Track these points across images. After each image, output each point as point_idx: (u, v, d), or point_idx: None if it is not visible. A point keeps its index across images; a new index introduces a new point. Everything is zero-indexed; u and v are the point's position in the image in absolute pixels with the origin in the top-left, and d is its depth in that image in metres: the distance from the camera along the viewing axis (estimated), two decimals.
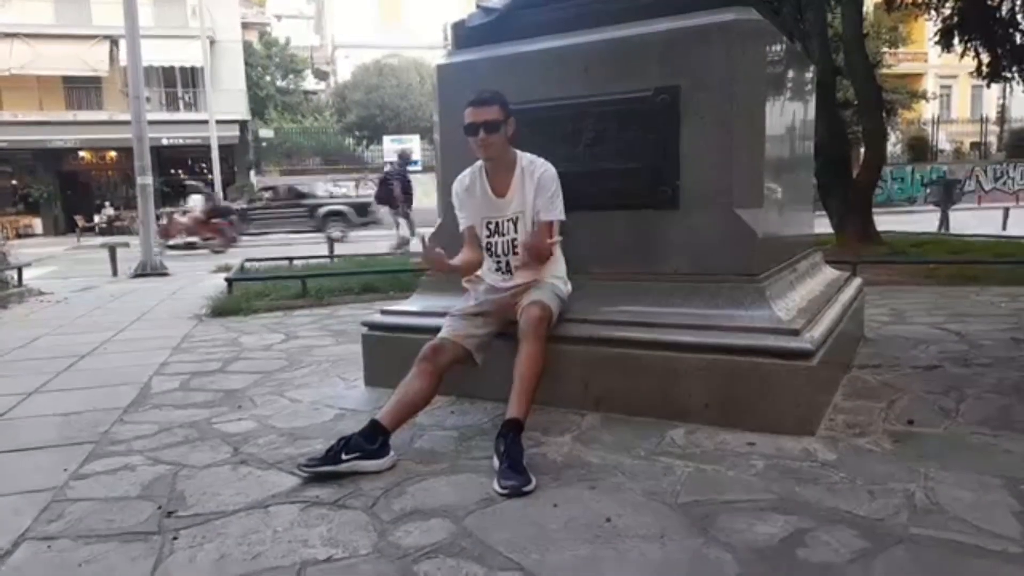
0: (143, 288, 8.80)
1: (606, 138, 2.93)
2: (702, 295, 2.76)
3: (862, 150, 10.89)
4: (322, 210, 18.95)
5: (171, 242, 15.88)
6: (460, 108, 2.70)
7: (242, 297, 6.58)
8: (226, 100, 26.54)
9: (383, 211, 15.35)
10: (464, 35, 3.39)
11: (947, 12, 9.99)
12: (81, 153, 28.49)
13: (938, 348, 3.79)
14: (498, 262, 2.81)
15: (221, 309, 6.19)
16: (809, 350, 2.50)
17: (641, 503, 2.03)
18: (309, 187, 21.05)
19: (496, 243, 2.79)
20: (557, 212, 2.69)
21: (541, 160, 2.73)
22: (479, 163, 2.78)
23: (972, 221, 12.68)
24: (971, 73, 10.92)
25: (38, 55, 25.30)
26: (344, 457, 2.29)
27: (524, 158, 2.73)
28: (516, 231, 2.73)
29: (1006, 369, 3.31)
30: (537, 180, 2.67)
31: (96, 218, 26.59)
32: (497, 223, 2.76)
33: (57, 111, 26.95)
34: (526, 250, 2.67)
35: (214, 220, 16.11)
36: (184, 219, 16.50)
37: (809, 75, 3.79)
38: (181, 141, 26.39)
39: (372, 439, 2.35)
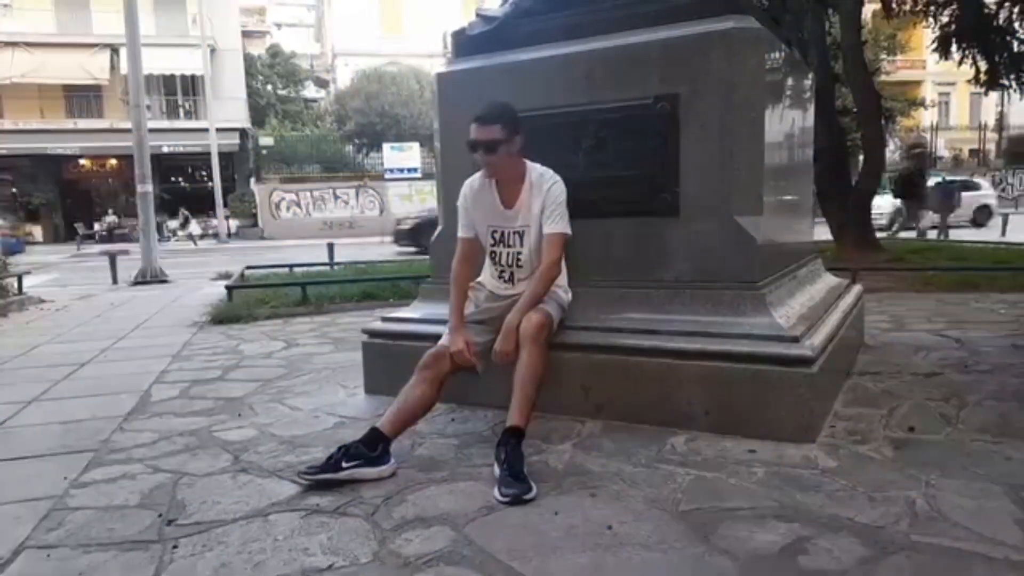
0: (143, 296, 8.80)
1: (606, 145, 2.93)
2: (702, 302, 2.77)
3: (861, 157, 10.92)
4: None
5: None
6: (460, 116, 2.71)
7: (242, 304, 6.59)
8: (226, 108, 26.62)
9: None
10: (464, 43, 3.40)
11: (945, 20, 10.02)
12: (81, 161, 28.56)
13: (938, 355, 3.79)
14: (501, 272, 2.81)
15: (221, 316, 6.20)
16: (809, 357, 2.50)
17: (642, 511, 2.03)
18: None
19: (500, 253, 2.78)
20: (562, 225, 2.65)
21: (551, 173, 2.70)
22: None
23: (972, 227, 12.69)
24: (969, 81, 10.94)
25: (39, 63, 25.38)
26: (344, 465, 2.28)
27: (534, 171, 2.70)
28: (522, 244, 2.72)
29: (1006, 376, 3.31)
30: (545, 194, 2.65)
31: (96, 226, 26.64)
32: (503, 233, 2.75)
33: (58, 119, 27.04)
34: (493, 355, 2.58)
35: None
36: None
37: (808, 82, 3.80)
38: (181, 149, 26.47)
39: (372, 446, 2.35)
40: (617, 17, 3.00)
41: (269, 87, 32.70)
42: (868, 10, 12.72)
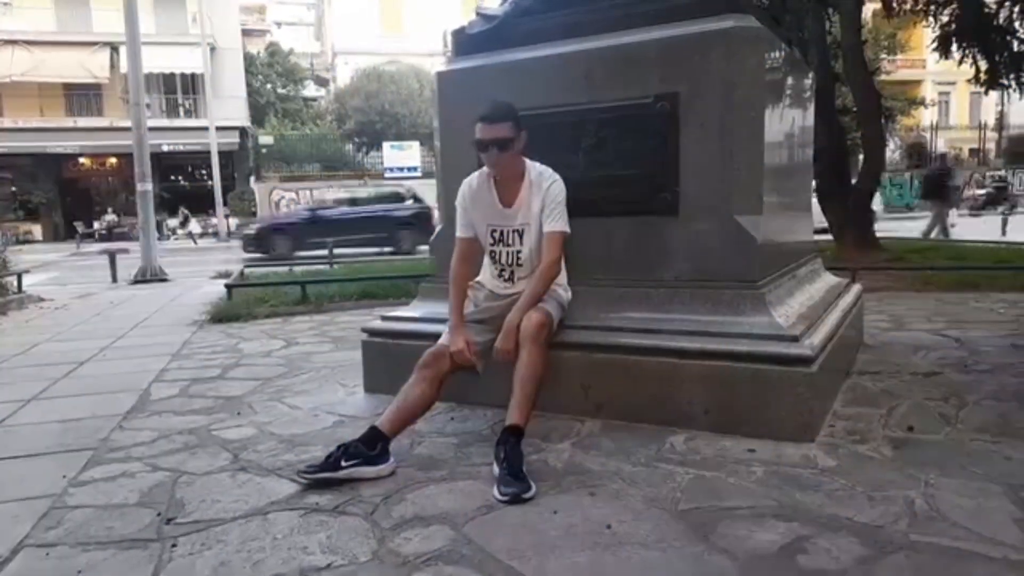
0: (143, 294, 8.79)
1: (606, 145, 2.93)
2: (702, 301, 2.77)
3: (861, 157, 10.91)
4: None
5: None
6: (460, 115, 2.71)
7: (242, 303, 6.59)
8: (226, 107, 26.60)
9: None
10: (464, 42, 3.40)
11: (945, 19, 10.01)
12: (81, 159, 28.54)
13: (938, 354, 3.79)
14: (501, 271, 2.80)
15: (221, 315, 6.20)
16: (809, 356, 2.50)
17: (641, 510, 2.03)
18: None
19: (500, 252, 2.78)
20: (561, 224, 2.65)
21: (550, 172, 2.70)
22: (487, 168, 2.75)
23: (971, 226, 12.71)
24: (969, 80, 10.94)
25: (39, 62, 25.37)
26: (344, 464, 2.28)
27: (533, 169, 2.70)
28: (521, 243, 2.72)
29: (1006, 375, 3.31)
30: (544, 193, 2.64)
31: (96, 224, 26.63)
32: (502, 232, 2.75)
33: (58, 118, 27.01)
34: (495, 353, 2.58)
35: None
36: None
37: (808, 82, 3.80)
38: (181, 147, 26.45)
39: (372, 445, 2.35)
40: (617, 16, 3.00)
41: (269, 86, 32.68)
42: (868, 9, 12.72)
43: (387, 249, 14.75)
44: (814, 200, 7.37)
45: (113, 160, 28.30)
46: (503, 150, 2.58)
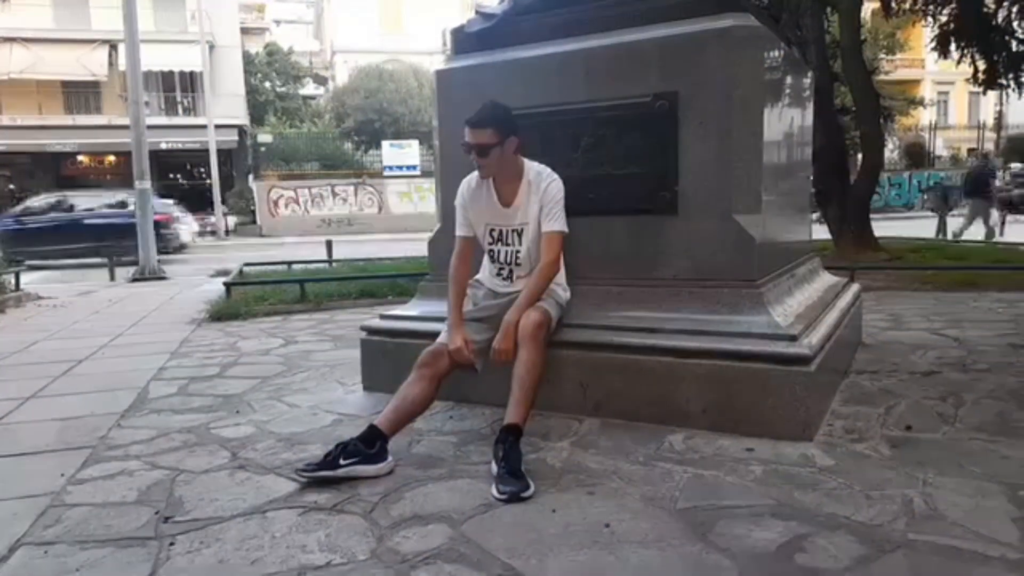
0: (141, 292, 8.78)
1: (605, 143, 2.93)
2: (701, 300, 2.77)
3: (859, 156, 10.92)
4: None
5: None
6: (460, 114, 2.71)
7: (241, 301, 6.58)
8: (225, 105, 26.56)
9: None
10: (463, 40, 3.40)
11: (944, 19, 10.02)
12: (80, 157, 28.47)
13: (936, 354, 3.79)
14: (500, 269, 2.80)
15: (220, 313, 6.19)
16: (807, 355, 2.50)
17: (640, 509, 2.03)
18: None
19: (499, 251, 2.78)
20: (560, 224, 2.65)
21: (548, 171, 2.70)
22: None
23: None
24: (968, 80, 10.95)
25: (37, 59, 25.31)
26: (342, 462, 2.28)
27: (531, 169, 2.70)
28: (520, 242, 2.72)
29: (1004, 374, 3.32)
30: (543, 193, 2.64)
31: None
32: (501, 231, 2.75)
33: (56, 115, 26.95)
34: (493, 353, 2.57)
35: None
36: None
37: (807, 81, 3.80)
38: (180, 146, 26.40)
39: (370, 444, 2.35)
40: (616, 15, 3.00)
41: (268, 84, 32.62)
42: (867, 9, 12.72)
43: (103, 260, 13.06)
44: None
45: (112, 158, 28.24)
46: (482, 156, 2.59)
